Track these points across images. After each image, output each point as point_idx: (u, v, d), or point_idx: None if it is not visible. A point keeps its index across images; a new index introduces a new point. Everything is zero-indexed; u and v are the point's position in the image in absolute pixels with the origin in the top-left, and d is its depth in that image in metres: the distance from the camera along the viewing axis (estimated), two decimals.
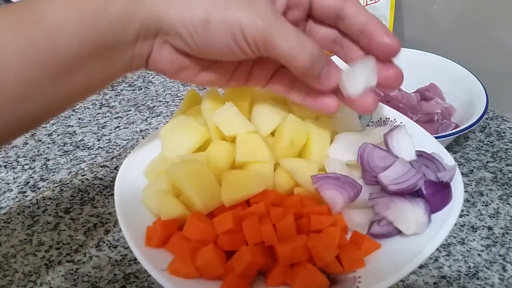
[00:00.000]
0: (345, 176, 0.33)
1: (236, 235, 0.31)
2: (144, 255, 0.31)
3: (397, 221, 0.31)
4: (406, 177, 0.32)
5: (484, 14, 0.60)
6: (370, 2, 0.67)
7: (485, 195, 0.51)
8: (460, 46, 0.64)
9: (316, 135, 0.36)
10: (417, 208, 0.31)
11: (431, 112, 0.56)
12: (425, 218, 0.31)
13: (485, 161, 0.55)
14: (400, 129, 0.35)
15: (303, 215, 0.33)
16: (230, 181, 0.33)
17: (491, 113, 0.63)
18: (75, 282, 0.43)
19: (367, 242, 0.32)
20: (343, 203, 0.33)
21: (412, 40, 0.69)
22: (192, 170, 0.33)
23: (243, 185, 0.33)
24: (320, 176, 0.33)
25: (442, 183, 0.33)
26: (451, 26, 0.64)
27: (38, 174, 0.56)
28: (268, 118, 0.36)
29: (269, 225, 0.31)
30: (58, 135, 0.63)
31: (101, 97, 0.70)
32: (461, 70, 0.59)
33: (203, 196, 0.33)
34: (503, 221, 0.48)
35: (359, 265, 0.31)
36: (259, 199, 0.33)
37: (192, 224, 0.31)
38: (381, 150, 0.34)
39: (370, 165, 0.33)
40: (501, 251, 0.45)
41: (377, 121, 0.41)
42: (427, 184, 0.33)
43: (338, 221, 0.33)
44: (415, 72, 0.62)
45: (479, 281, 0.42)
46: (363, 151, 0.34)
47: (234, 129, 0.35)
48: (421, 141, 0.37)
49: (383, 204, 0.32)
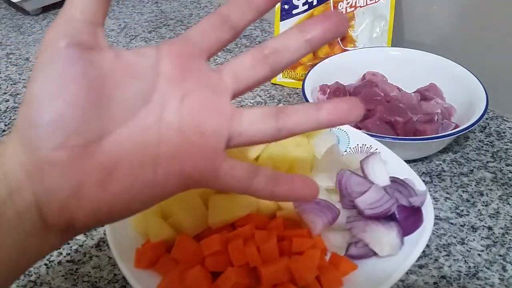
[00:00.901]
0: (324, 200, 0.36)
1: (222, 257, 0.33)
2: (133, 276, 0.32)
3: (372, 243, 0.34)
4: (381, 203, 0.35)
5: (484, 14, 0.60)
6: (370, 2, 0.68)
7: (485, 195, 0.51)
8: (460, 46, 0.64)
9: (298, 161, 0.38)
10: (391, 231, 0.34)
11: (431, 112, 0.56)
12: (398, 241, 0.34)
13: (485, 161, 0.55)
14: (375, 156, 0.38)
15: (285, 238, 0.34)
16: (216, 204, 0.35)
17: (491, 113, 0.63)
18: (75, 282, 0.43)
19: (345, 263, 0.34)
20: (323, 226, 0.35)
21: (412, 40, 0.69)
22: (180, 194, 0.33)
23: (229, 209, 0.35)
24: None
25: (413, 208, 0.36)
26: (451, 26, 0.64)
27: None
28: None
29: (253, 247, 0.33)
30: None
31: None
32: (461, 70, 0.59)
33: (191, 219, 0.34)
34: (503, 221, 0.48)
35: (337, 285, 0.33)
36: (244, 222, 0.35)
37: (180, 246, 0.33)
38: (357, 177, 0.36)
39: (347, 190, 0.36)
40: (501, 251, 0.45)
41: (354, 147, 0.44)
42: (399, 208, 0.35)
43: (318, 243, 0.35)
44: (415, 72, 0.63)
45: (479, 281, 0.42)
46: (341, 177, 0.36)
47: None
48: (395, 167, 0.40)
49: (359, 227, 0.35)
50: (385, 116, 0.54)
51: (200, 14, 0.95)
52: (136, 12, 0.97)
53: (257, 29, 0.86)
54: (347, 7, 0.68)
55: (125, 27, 0.91)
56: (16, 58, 0.83)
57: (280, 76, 0.70)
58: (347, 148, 0.45)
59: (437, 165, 0.55)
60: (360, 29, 0.69)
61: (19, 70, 0.79)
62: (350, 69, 0.64)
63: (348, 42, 0.69)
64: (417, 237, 0.35)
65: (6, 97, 0.72)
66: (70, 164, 0.23)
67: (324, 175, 0.39)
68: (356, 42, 0.69)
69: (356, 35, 0.69)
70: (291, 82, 0.70)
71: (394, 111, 0.54)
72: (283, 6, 0.69)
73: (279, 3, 0.60)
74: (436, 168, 0.55)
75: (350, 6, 0.68)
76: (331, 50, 0.69)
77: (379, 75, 0.63)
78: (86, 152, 0.23)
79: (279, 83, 0.71)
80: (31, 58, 0.82)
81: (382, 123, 0.54)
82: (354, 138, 0.45)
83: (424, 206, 0.36)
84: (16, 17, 0.98)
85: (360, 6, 0.68)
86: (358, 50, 0.67)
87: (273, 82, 0.71)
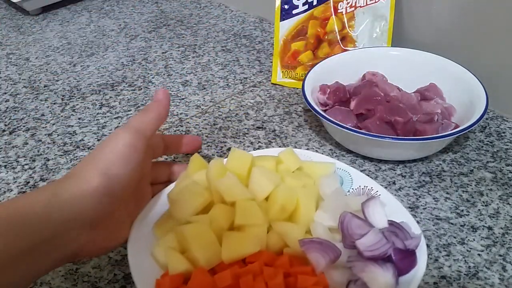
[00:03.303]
0: (327, 241, 0.39)
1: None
2: None
3: (370, 282, 0.37)
4: (378, 245, 0.38)
5: (484, 14, 0.60)
6: (370, 2, 0.68)
7: (485, 195, 0.51)
8: (460, 46, 0.64)
9: (304, 201, 0.42)
10: (387, 272, 0.37)
11: (431, 112, 0.56)
12: (393, 281, 0.37)
13: (485, 161, 0.55)
14: (375, 200, 0.41)
15: (291, 274, 0.38)
16: (229, 241, 0.39)
17: (491, 113, 0.63)
18: (75, 282, 0.43)
19: None
20: (325, 264, 0.38)
21: (412, 40, 0.69)
22: (196, 231, 0.39)
23: (241, 245, 0.39)
24: (306, 241, 0.39)
25: (408, 251, 0.39)
26: (451, 26, 0.64)
27: (38, 174, 0.56)
28: (263, 185, 0.42)
29: (262, 283, 0.36)
30: (58, 135, 0.63)
31: (101, 97, 0.70)
32: (461, 70, 0.59)
33: (206, 254, 0.38)
34: (503, 221, 0.48)
35: None
36: (254, 258, 0.39)
37: (196, 279, 0.37)
38: (358, 219, 0.40)
39: (348, 231, 0.39)
40: (501, 251, 0.45)
41: (356, 188, 0.47)
42: (395, 251, 0.39)
43: (321, 280, 0.38)
44: (415, 72, 0.63)
45: (479, 281, 0.42)
46: (343, 219, 0.40)
47: (234, 195, 0.41)
48: (393, 210, 0.43)
49: (359, 266, 0.38)
50: (385, 116, 0.54)
51: (200, 14, 0.95)
52: (136, 12, 0.97)
53: (257, 29, 0.87)
54: (347, 7, 0.68)
55: (125, 27, 0.91)
56: (16, 58, 0.83)
57: (280, 76, 0.70)
58: (350, 188, 0.47)
59: (437, 165, 0.55)
60: (360, 29, 0.69)
61: (19, 70, 0.79)
62: (350, 69, 0.64)
63: (348, 42, 0.69)
64: (411, 277, 0.38)
65: (6, 97, 0.72)
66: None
67: (328, 216, 0.42)
68: (356, 42, 0.69)
69: (356, 35, 0.69)
70: (291, 82, 0.70)
71: (394, 111, 0.54)
72: (283, 6, 0.69)
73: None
74: (436, 168, 0.55)
75: (350, 6, 0.68)
76: (331, 50, 0.69)
77: (379, 75, 0.63)
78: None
79: (279, 83, 0.71)
80: (31, 58, 0.82)
81: (382, 123, 0.54)
82: (356, 180, 0.48)
83: (418, 249, 0.40)
84: (16, 17, 0.98)
85: (360, 6, 0.68)
86: (358, 50, 0.67)
87: (273, 82, 0.71)
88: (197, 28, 0.89)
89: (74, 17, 0.97)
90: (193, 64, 0.78)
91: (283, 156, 0.47)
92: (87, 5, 1.02)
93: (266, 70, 0.75)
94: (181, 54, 0.81)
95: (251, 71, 0.75)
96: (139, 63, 0.79)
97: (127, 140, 0.38)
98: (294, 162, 0.47)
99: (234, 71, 0.75)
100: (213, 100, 0.68)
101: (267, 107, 0.66)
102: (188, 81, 0.73)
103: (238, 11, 0.95)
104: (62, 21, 0.96)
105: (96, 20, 0.95)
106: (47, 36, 0.90)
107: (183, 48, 0.83)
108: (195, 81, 0.73)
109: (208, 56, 0.80)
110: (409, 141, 0.51)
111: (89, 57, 0.81)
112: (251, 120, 0.64)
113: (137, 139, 0.39)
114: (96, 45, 0.85)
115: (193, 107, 0.67)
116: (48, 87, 0.73)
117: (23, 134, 0.63)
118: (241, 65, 0.76)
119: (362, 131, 0.52)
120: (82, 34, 0.90)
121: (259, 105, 0.67)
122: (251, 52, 0.80)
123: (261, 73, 0.74)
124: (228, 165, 0.45)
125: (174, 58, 0.80)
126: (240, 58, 0.78)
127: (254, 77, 0.73)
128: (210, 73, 0.75)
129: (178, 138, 0.50)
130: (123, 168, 0.37)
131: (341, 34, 0.69)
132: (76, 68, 0.78)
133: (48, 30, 0.92)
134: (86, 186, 0.35)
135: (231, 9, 0.96)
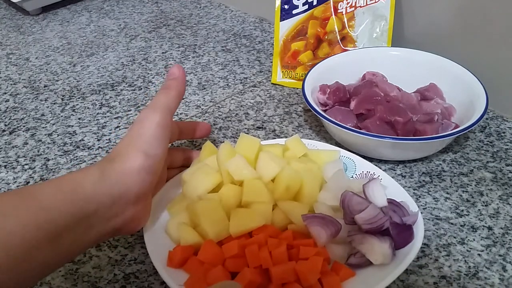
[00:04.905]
0: (329, 216, 0.41)
1: (240, 259, 0.39)
2: (166, 273, 0.39)
3: (368, 253, 0.39)
4: (376, 219, 0.40)
5: (484, 14, 0.60)
6: (370, 2, 0.68)
7: (485, 195, 0.51)
8: (460, 46, 0.64)
9: (308, 183, 0.44)
10: (384, 243, 0.39)
11: (431, 112, 0.56)
12: (390, 252, 0.39)
13: (485, 161, 0.55)
14: (375, 181, 0.43)
15: (294, 246, 0.40)
16: (237, 216, 0.41)
17: (491, 113, 0.63)
18: (75, 282, 0.43)
19: (344, 270, 0.40)
20: (327, 237, 0.40)
21: (412, 40, 0.69)
22: (207, 207, 0.42)
23: (247, 220, 0.41)
24: (308, 215, 0.41)
25: (405, 225, 0.41)
26: (451, 26, 0.64)
27: (38, 174, 0.56)
28: (270, 167, 0.44)
29: (266, 252, 0.39)
30: (58, 135, 0.63)
31: (101, 97, 0.70)
32: (461, 70, 0.59)
33: (215, 228, 0.41)
34: (503, 221, 0.48)
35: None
36: (259, 231, 0.41)
37: (205, 250, 0.40)
38: (358, 197, 0.42)
39: (349, 208, 0.42)
40: (501, 251, 0.45)
41: (359, 173, 0.50)
42: (393, 225, 0.41)
43: (322, 252, 0.40)
44: (415, 72, 0.62)
45: (479, 281, 0.42)
46: (344, 197, 0.42)
47: (243, 175, 0.44)
48: (394, 192, 0.46)
49: (358, 240, 0.40)
50: (385, 116, 0.54)
51: (200, 14, 0.95)
52: (136, 12, 0.97)
53: (257, 29, 0.87)
54: (347, 7, 0.68)
55: (125, 27, 0.92)
56: (16, 58, 0.83)
57: (280, 76, 0.71)
58: (354, 174, 0.50)
59: (437, 165, 0.55)
60: (360, 29, 0.69)
61: (19, 70, 0.79)
62: (350, 69, 0.64)
63: (348, 42, 0.69)
64: (407, 250, 0.40)
65: (6, 97, 0.72)
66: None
67: (330, 195, 0.45)
68: (356, 42, 0.69)
69: (356, 35, 0.69)
70: (291, 82, 0.70)
71: (394, 111, 0.54)
72: (283, 6, 0.69)
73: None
74: (436, 168, 0.55)
75: (350, 6, 0.68)
76: (331, 50, 0.69)
77: (379, 75, 0.63)
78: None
79: (279, 83, 0.71)
80: (31, 58, 0.82)
81: (382, 123, 0.54)
82: (360, 166, 0.50)
83: (416, 225, 0.42)
84: (16, 17, 0.99)
85: (360, 6, 0.68)
86: (358, 50, 0.67)
87: (273, 82, 0.71)
88: (197, 28, 0.89)
89: (74, 17, 0.97)
90: (193, 64, 0.78)
91: (289, 143, 0.49)
92: (87, 5, 1.02)
93: (266, 70, 0.75)
94: (181, 54, 0.81)
95: (251, 71, 0.75)
96: (139, 63, 0.79)
97: (158, 120, 0.41)
98: (301, 149, 0.49)
99: (234, 71, 0.75)
100: (213, 100, 0.68)
101: (267, 107, 0.66)
102: (188, 81, 0.73)
103: (238, 11, 0.95)
104: (62, 21, 0.96)
105: (96, 20, 0.95)
106: (47, 36, 0.90)
107: (183, 48, 0.83)
108: (195, 81, 0.73)
109: (208, 56, 0.80)
110: (409, 141, 0.51)
111: (89, 57, 0.81)
112: (251, 120, 0.64)
113: (167, 119, 0.42)
114: (96, 45, 0.85)
115: (193, 107, 0.67)
116: (48, 87, 0.73)
117: (23, 134, 0.63)
118: (241, 65, 0.76)
119: (362, 131, 0.52)
120: (82, 34, 0.90)
121: (259, 105, 0.67)
122: (251, 52, 0.80)
123: (261, 73, 0.74)
124: (237, 149, 0.47)
125: (174, 58, 0.80)
126: (240, 58, 0.78)
127: (254, 77, 0.73)
128: (210, 73, 0.75)
129: (191, 125, 0.53)
130: (159, 147, 0.41)
131: (341, 34, 0.69)
132: (76, 68, 0.78)
133: (48, 30, 0.92)
134: (130, 165, 0.38)
135: (231, 9, 0.96)
